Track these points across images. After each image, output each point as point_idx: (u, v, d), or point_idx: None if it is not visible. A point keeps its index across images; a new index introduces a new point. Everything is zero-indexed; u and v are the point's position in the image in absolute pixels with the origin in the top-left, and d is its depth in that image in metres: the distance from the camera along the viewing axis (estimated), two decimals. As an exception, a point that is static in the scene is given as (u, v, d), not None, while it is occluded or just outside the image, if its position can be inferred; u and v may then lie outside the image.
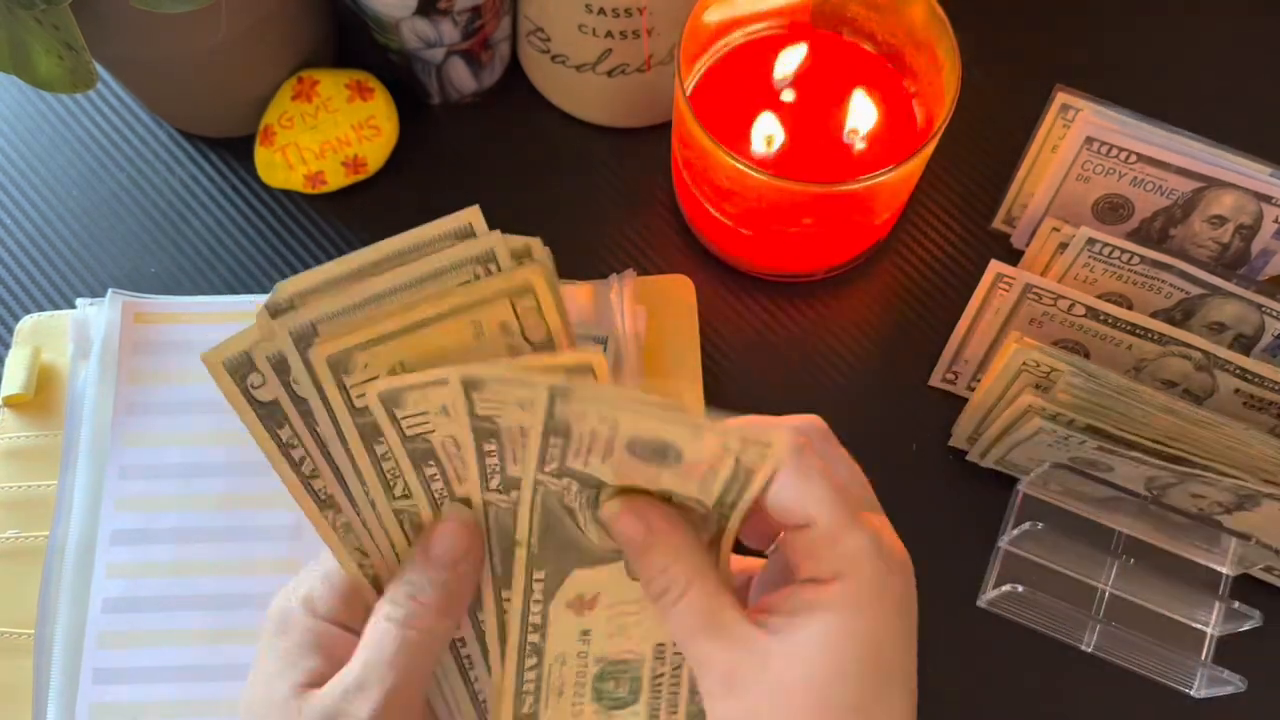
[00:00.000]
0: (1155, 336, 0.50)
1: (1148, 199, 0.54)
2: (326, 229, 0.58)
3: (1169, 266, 0.52)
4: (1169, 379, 0.51)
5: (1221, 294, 0.52)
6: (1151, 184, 0.54)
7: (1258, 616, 0.48)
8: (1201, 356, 0.50)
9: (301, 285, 0.33)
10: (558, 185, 0.59)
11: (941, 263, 0.58)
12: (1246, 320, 0.52)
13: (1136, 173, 0.54)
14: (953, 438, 0.54)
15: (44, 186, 0.59)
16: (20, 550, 0.51)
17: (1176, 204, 0.54)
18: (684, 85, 0.49)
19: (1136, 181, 0.54)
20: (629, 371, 0.53)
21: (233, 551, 0.50)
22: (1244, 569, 0.50)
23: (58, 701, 0.48)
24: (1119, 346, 0.51)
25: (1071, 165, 0.54)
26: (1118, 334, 0.51)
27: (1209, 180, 0.53)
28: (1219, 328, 0.52)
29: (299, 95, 0.56)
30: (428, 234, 0.34)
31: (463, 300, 0.33)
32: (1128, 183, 0.54)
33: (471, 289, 0.34)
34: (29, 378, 0.53)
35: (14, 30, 0.44)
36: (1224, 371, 0.50)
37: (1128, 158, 0.53)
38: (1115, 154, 0.53)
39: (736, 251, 0.56)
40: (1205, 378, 0.50)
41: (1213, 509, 0.49)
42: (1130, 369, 0.51)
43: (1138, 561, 0.50)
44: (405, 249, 0.34)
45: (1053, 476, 0.50)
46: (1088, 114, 0.54)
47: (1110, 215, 0.55)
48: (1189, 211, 0.54)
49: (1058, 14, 0.63)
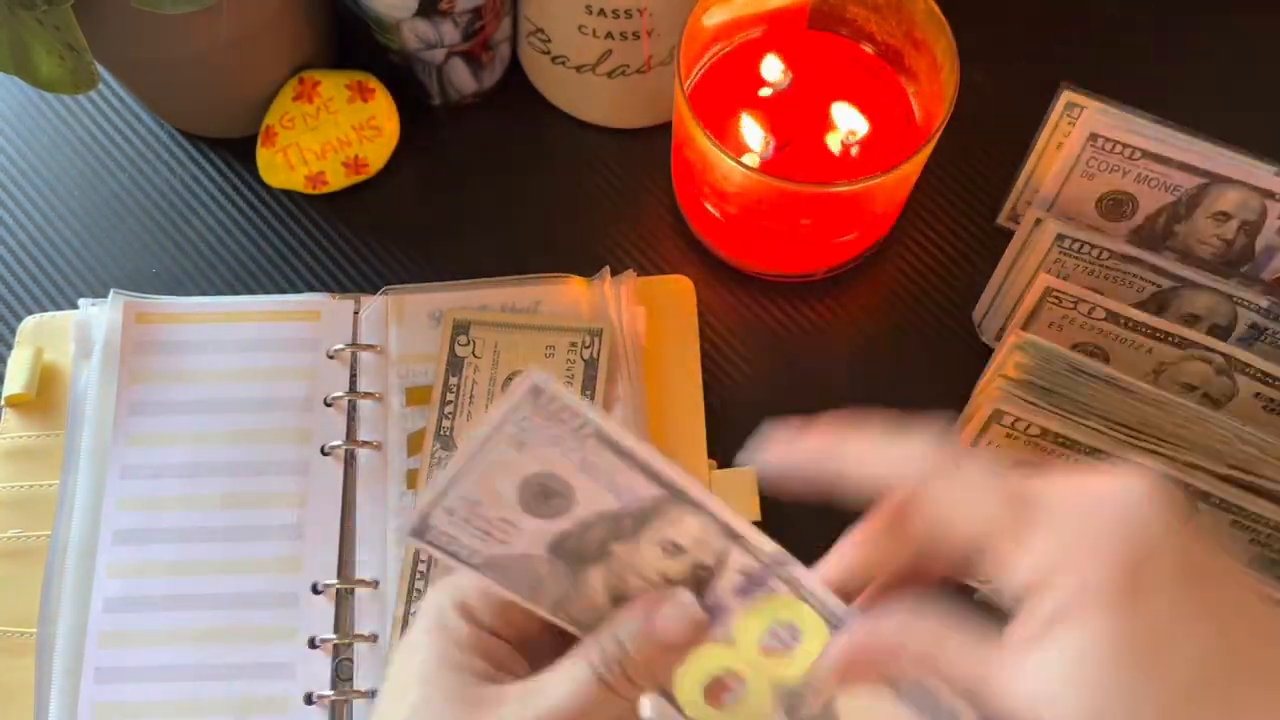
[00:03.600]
0: (1175, 340, 0.50)
1: (1152, 195, 0.54)
2: (327, 229, 0.58)
3: (1138, 260, 0.52)
4: (1189, 382, 0.51)
5: (1192, 286, 0.52)
6: (1156, 180, 0.54)
7: None
8: (1222, 360, 0.50)
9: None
10: (558, 185, 0.59)
11: (942, 262, 0.58)
12: (1219, 311, 0.52)
13: (1141, 169, 0.54)
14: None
15: (45, 187, 0.59)
16: (22, 550, 0.51)
17: (1180, 200, 0.54)
18: (684, 86, 0.49)
19: (1141, 178, 0.54)
20: (628, 371, 0.53)
21: (233, 551, 0.50)
22: None
23: (60, 700, 0.48)
24: (1139, 350, 0.51)
25: (1076, 162, 0.54)
26: (1138, 338, 0.51)
27: (1213, 176, 0.53)
28: (1192, 319, 0.52)
29: (300, 96, 0.56)
30: None
31: None
32: (1132, 179, 0.54)
33: None
34: (31, 378, 0.53)
35: (15, 31, 0.44)
36: (1244, 376, 0.50)
37: (1132, 154, 0.54)
38: (1119, 150, 0.54)
39: (736, 252, 0.57)
40: (1225, 381, 0.50)
41: None
42: (1150, 373, 0.51)
43: None
44: None
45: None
46: (1092, 111, 0.54)
47: (1114, 212, 0.55)
48: (1193, 208, 0.54)
49: (1058, 14, 0.63)
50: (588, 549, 0.33)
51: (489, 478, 0.32)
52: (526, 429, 0.31)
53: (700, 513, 0.32)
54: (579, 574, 0.33)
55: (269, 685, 0.49)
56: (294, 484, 0.52)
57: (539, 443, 0.31)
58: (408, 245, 0.58)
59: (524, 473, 0.32)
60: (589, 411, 0.31)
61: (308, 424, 0.53)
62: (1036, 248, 0.53)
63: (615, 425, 0.31)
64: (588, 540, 0.33)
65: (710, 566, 0.33)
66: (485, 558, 0.33)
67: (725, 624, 0.34)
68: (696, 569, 0.33)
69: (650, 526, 0.32)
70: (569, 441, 0.31)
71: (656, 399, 0.53)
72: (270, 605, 0.50)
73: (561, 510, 0.32)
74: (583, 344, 0.53)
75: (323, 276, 0.57)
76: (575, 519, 0.32)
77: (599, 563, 0.33)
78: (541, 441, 0.31)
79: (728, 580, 0.33)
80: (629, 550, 0.33)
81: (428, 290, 0.55)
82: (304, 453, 0.52)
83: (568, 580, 0.33)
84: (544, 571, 0.33)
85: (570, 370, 0.53)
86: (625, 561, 0.33)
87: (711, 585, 0.33)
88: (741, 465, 0.52)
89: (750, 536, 0.32)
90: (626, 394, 0.52)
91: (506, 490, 0.32)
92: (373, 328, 0.54)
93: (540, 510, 0.32)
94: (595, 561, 0.33)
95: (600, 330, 0.53)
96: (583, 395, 0.52)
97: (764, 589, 0.33)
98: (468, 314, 0.54)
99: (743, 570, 0.33)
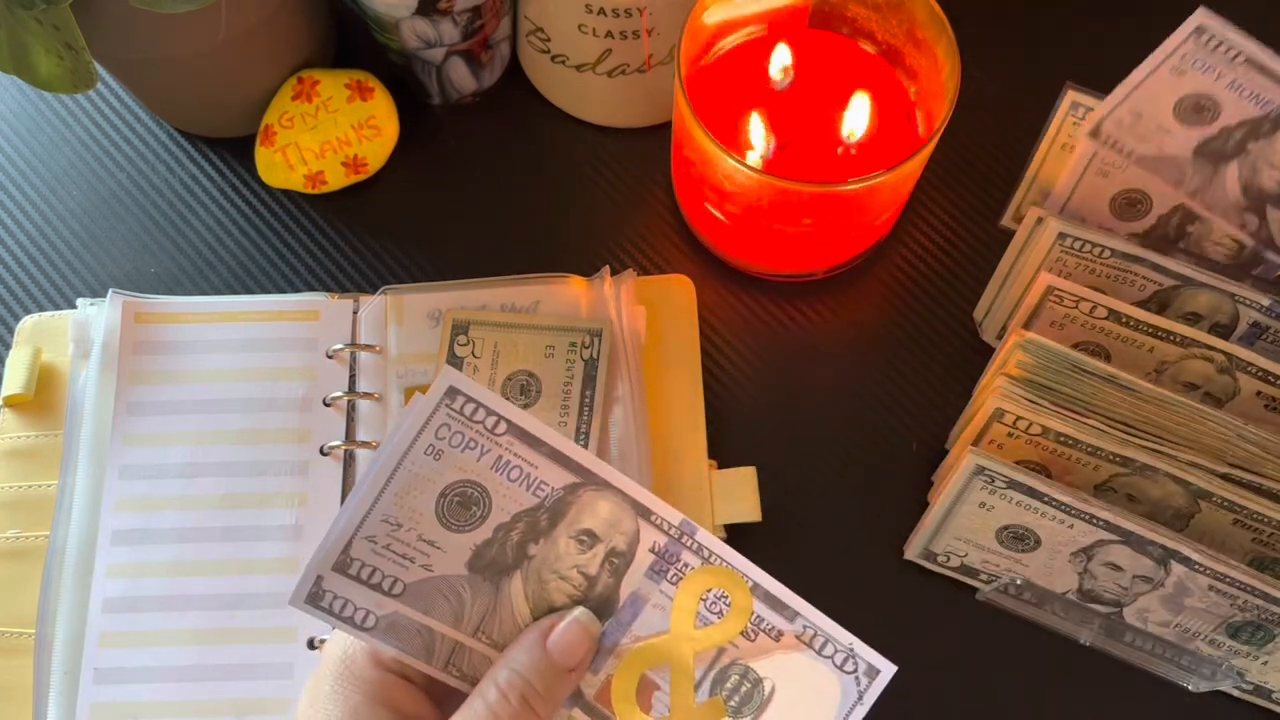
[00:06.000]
0: (1177, 339, 0.50)
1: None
2: (327, 229, 0.58)
3: (1139, 259, 0.52)
4: (1191, 381, 0.51)
5: (1194, 284, 0.52)
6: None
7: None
8: (1224, 359, 0.50)
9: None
10: (558, 185, 0.59)
11: (943, 262, 0.58)
12: (1221, 309, 0.52)
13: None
14: (948, 440, 0.54)
15: (44, 187, 0.59)
16: (21, 550, 0.51)
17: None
18: (684, 85, 0.49)
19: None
20: (628, 371, 0.53)
21: (233, 551, 0.50)
22: (1211, 687, 0.50)
23: (58, 701, 0.48)
24: (1140, 349, 0.51)
25: (1090, 161, 0.54)
26: (1139, 336, 0.51)
27: None
28: (1194, 318, 0.52)
29: (299, 95, 0.56)
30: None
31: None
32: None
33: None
34: (30, 378, 0.53)
35: (14, 30, 0.44)
36: (1246, 374, 0.50)
37: None
38: None
39: (736, 251, 0.56)
40: (1227, 380, 0.50)
41: (1135, 586, 0.49)
42: (1151, 371, 0.51)
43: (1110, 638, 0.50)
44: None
45: (1005, 590, 0.50)
46: (1102, 114, 0.54)
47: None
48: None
49: (1059, 13, 0.63)
50: (507, 556, 0.34)
51: (407, 495, 0.33)
52: (443, 436, 0.33)
53: (611, 493, 0.34)
54: (500, 587, 0.34)
55: (269, 685, 0.49)
56: (293, 484, 0.52)
57: (455, 448, 0.33)
58: (407, 245, 0.58)
59: (442, 484, 0.33)
60: (502, 407, 0.33)
61: (307, 424, 0.52)
62: (1038, 246, 0.53)
63: (526, 416, 0.33)
64: (507, 547, 0.34)
65: (623, 552, 0.35)
66: (407, 585, 0.34)
67: (642, 618, 0.35)
68: (610, 557, 0.35)
69: (565, 519, 0.34)
70: (484, 442, 0.33)
71: (656, 399, 0.53)
72: (270, 605, 0.50)
73: (480, 519, 0.34)
74: (583, 344, 0.53)
75: (322, 276, 0.57)
76: (494, 524, 0.34)
77: (518, 569, 0.35)
78: (457, 446, 0.33)
79: (640, 563, 0.35)
80: (546, 549, 0.34)
81: (427, 290, 0.55)
82: (303, 453, 0.52)
83: (490, 596, 0.34)
84: (466, 592, 0.34)
85: (570, 370, 0.52)
86: (543, 560, 0.34)
87: (624, 577, 0.35)
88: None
89: (658, 509, 0.34)
90: (626, 394, 0.52)
91: (424, 506, 0.33)
92: (372, 328, 0.54)
93: (459, 522, 0.34)
94: (515, 568, 0.34)
95: (600, 330, 0.53)
96: (583, 395, 0.52)
97: (676, 565, 0.35)
98: (467, 314, 0.53)
99: (654, 548, 0.35)
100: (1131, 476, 0.48)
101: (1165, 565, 0.47)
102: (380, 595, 0.34)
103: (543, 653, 0.34)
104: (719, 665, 0.35)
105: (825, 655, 0.35)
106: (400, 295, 0.55)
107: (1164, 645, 0.49)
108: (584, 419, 0.52)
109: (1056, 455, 0.49)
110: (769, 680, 0.35)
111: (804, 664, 0.35)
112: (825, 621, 0.35)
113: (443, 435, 0.33)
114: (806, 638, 0.35)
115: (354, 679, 0.35)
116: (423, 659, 0.34)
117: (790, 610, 0.35)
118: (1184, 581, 0.47)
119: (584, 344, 0.53)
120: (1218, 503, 0.48)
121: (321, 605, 0.33)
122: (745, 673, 0.35)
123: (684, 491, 0.52)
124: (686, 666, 0.35)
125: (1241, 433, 0.48)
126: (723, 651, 0.35)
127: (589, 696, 0.35)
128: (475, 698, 0.34)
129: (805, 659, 0.35)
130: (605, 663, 0.35)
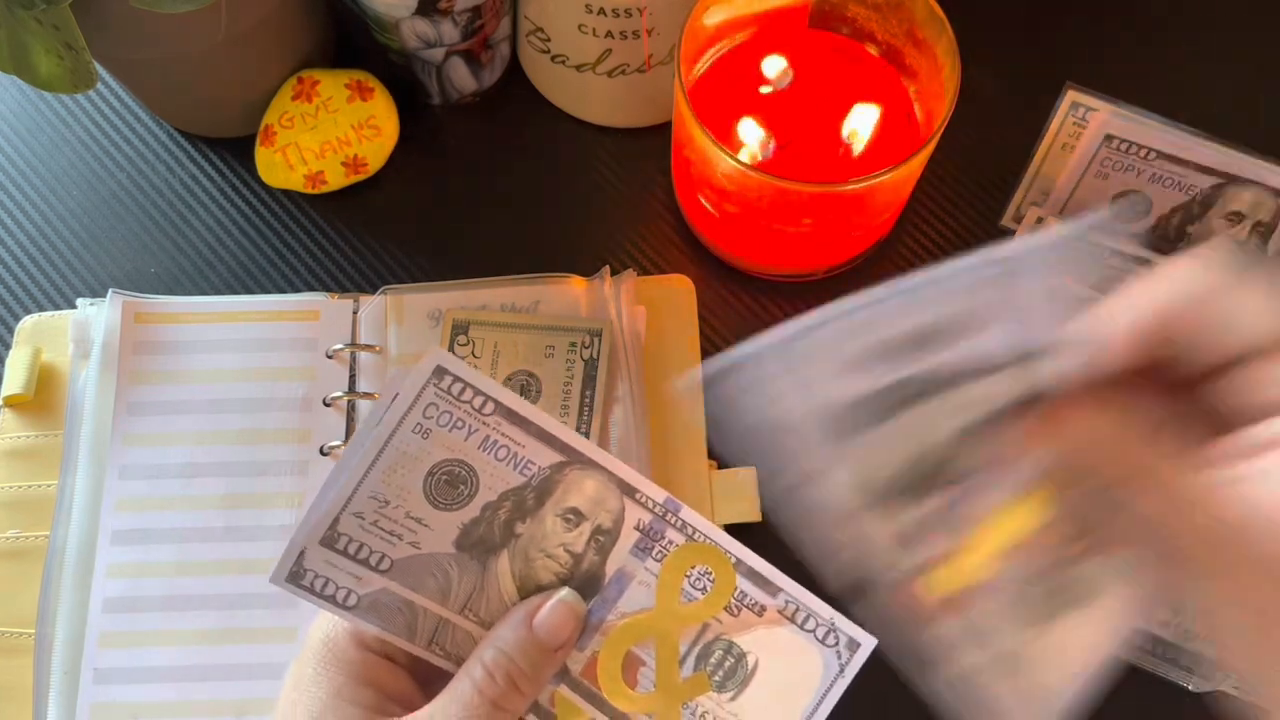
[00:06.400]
0: None
1: (1166, 195, 0.55)
2: (326, 229, 0.58)
3: (1140, 258, 0.52)
4: None
5: (1238, 182, 0.52)
6: (1170, 180, 0.54)
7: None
8: None
9: None
10: (558, 185, 0.59)
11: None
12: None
13: (1155, 169, 0.54)
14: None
15: (44, 187, 0.59)
16: (21, 550, 0.51)
17: (1195, 200, 0.55)
18: (684, 85, 0.49)
19: (1155, 178, 0.54)
20: (629, 371, 0.53)
21: (233, 551, 0.50)
22: (1211, 687, 0.50)
23: (58, 701, 0.48)
24: None
25: (1090, 162, 0.54)
26: None
27: (1229, 177, 0.54)
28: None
29: (299, 95, 0.56)
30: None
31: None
32: (1146, 179, 0.55)
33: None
34: (29, 378, 0.53)
35: (14, 30, 0.44)
36: None
37: (1147, 154, 0.54)
38: (1135, 151, 0.54)
39: (736, 251, 0.56)
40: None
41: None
42: None
43: None
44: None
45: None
46: (1105, 114, 0.54)
47: (1128, 212, 0.55)
48: (1207, 208, 0.55)
49: (1059, 13, 0.63)
50: (494, 535, 0.35)
51: (395, 472, 0.34)
52: (430, 415, 0.33)
53: (597, 471, 0.35)
54: (487, 565, 0.35)
55: (269, 685, 0.49)
56: (293, 484, 0.52)
57: (443, 427, 0.34)
58: (407, 245, 0.58)
59: (430, 462, 0.34)
60: (489, 387, 0.33)
61: (307, 424, 0.52)
62: None
63: (513, 396, 0.34)
64: (494, 525, 0.35)
65: (609, 530, 0.35)
66: (395, 561, 0.34)
67: (628, 595, 0.36)
68: (596, 535, 0.35)
69: (551, 497, 0.34)
70: (472, 422, 0.34)
71: (656, 399, 0.53)
72: (270, 605, 0.50)
73: (468, 497, 0.34)
74: (583, 344, 0.53)
75: (322, 276, 0.57)
76: (482, 503, 0.34)
77: (505, 548, 0.35)
78: (445, 425, 0.34)
79: (625, 542, 0.35)
80: (533, 527, 0.35)
81: (427, 290, 0.55)
82: (303, 453, 0.52)
83: (477, 574, 0.35)
84: (453, 570, 0.35)
85: (570, 370, 0.52)
86: (530, 539, 0.35)
87: (610, 555, 0.35)
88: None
89: (643, 487, 0.35)
90: (626, 394, 0.52)
91: (412, 484, 0.34)
92: (372, 328, 0.54)
93: (447, 500, 0.34)
94: (502, 547, 0.35)
95: (600, 330, 0.53)
96: (583, 395, 0.52)
97: (660, 542, 0.35)
98: (467, 314, 0.53)
99: (639, 526, 0.35)
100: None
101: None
102: (368, 571, 0.34)
103: (529, 632, 0.34)
104: (703, 640, 0.36)
105: (807, 629, 0.35)
106: (400, 295, 0.55)
107: (1164, 645, 0.49)
108: (584, 419, 0.52)
109: None
110: (752, 654, 0.36)
111: (786, 638, 0.35)
112: (807, 596, 0.36)
113: (430, 414, 0.33)
114: (789, 612, 0.35)
115: (337, 660, 0.35)
116: (405, 637, 0.34)
117: (773, 585, 0.35)
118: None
119: (584, 344, 0.53)
120: None
121: (303, 584, 0.33)
122: (729, 647, 0.36)
123: (684, 491, 0.52)
124: (671, 642, 0.35)
125: None
126: (707, 627, 0.35)
127: (575, 673, 0.35)
128: (461, 676, 0.34)
129: (788, 633, 0.35)
130: (591, 639, 0.35)
